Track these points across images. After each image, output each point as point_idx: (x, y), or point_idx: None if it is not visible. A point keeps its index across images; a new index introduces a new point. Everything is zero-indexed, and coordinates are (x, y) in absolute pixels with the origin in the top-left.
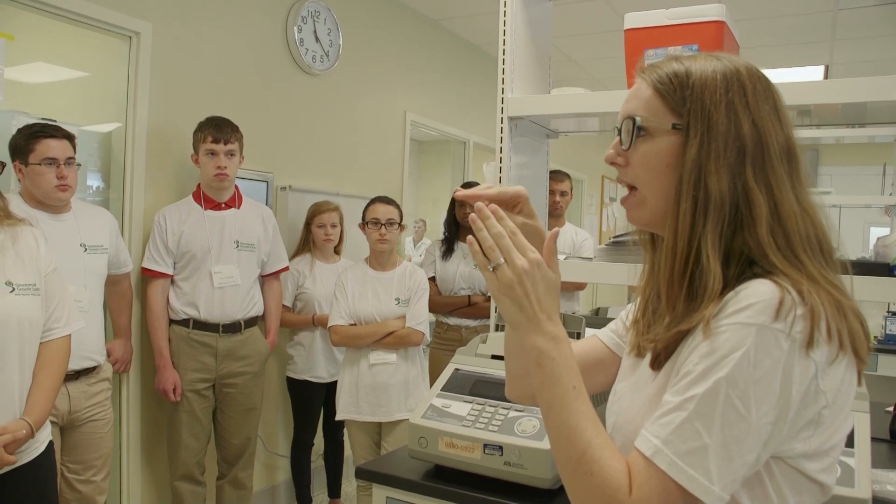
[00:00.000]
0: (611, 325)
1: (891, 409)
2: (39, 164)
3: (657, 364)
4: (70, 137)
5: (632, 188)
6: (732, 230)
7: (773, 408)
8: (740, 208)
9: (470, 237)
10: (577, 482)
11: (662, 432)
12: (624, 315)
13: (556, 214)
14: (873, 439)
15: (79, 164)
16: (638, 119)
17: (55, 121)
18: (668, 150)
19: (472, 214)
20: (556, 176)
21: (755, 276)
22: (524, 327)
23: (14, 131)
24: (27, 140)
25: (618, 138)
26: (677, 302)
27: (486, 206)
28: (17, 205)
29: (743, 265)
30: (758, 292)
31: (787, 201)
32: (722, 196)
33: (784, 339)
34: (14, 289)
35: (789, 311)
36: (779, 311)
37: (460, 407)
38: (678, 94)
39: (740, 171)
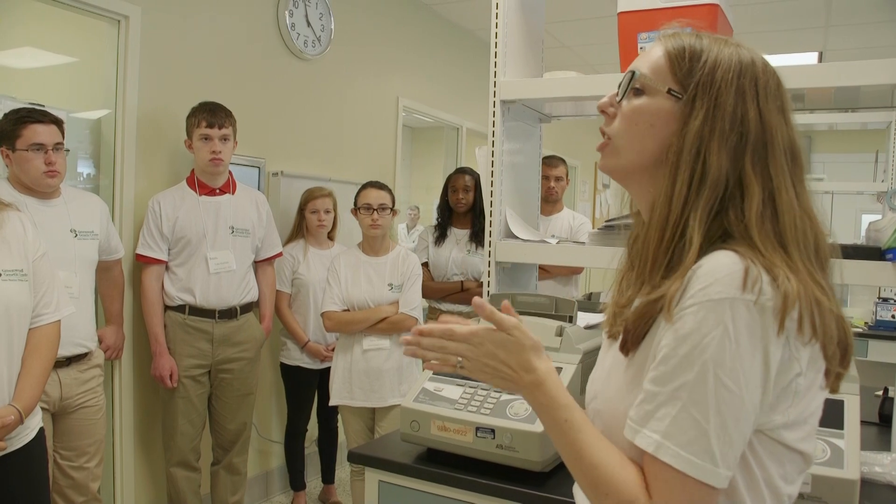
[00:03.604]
0: None
1: (880, 393)
2: (27, 150)
3: (625, 349)
4: (58, 122)
5: (609, 138)
6: (717, 212)
7: (759, 378)
8: (732, 192)
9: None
10: (599, 502)
11: (660, 426)
12: None
13: (551, 200)
14: (863, 422)
15: (67, 150)
16: (636, 73)
17: (43, 106)
18: (657, 112)
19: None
20: (550, 161)
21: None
22: (513, 389)
23: (0, 116)
24: (14, 125)
25: (617, 90)
26: (657, 273)
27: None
28: (5, 191)
29: (716, 241)
30: (721, 265)
31: (786, 196)
32: (720, 174)
33: (755, 309)
34: (0, 275)
35: (756, 279)
36: (745, 281)
37: (452, 390)
38: (687, 64)
39: (739, 156)
